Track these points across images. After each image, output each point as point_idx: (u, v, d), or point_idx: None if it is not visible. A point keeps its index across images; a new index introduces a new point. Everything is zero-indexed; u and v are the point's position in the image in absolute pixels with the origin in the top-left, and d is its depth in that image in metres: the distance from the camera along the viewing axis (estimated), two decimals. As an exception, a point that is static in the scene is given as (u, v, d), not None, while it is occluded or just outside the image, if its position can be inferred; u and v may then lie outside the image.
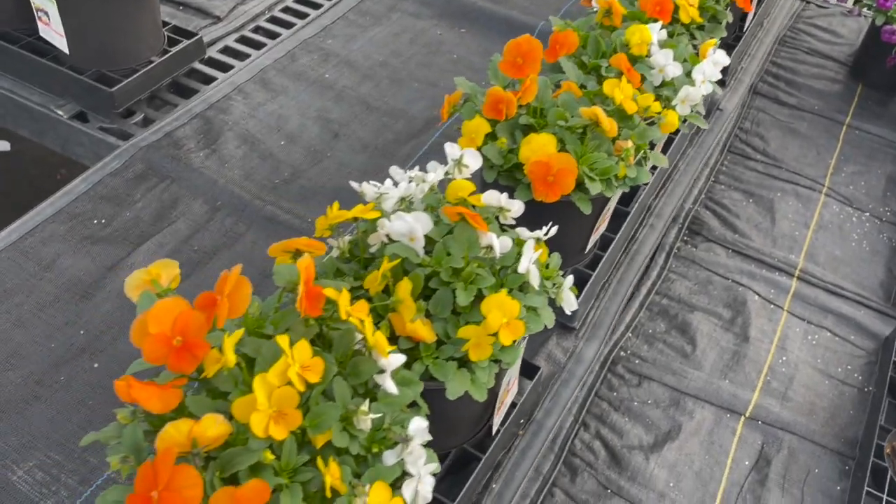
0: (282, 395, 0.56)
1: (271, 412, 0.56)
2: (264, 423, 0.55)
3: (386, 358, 0.62)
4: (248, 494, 0.53)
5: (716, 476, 1.18)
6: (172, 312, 0.57)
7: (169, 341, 0.57)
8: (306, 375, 0.58)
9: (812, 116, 1.81)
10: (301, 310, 0.61)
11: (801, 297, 1.43)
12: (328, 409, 0.60)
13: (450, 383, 0.66)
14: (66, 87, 1.21)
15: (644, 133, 0.84)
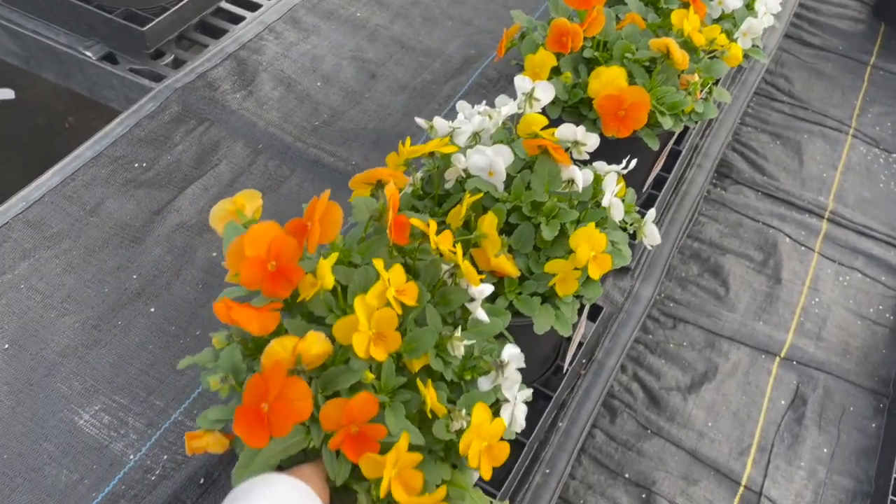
0: (381, 317, 0.57)
1: (371, 334, 0.56)
2: (365, 344, 0.56)
3: (476, 286, 0.62)
4: (359, 406, 0.54)
5: (753, 415, 1.19)
6: (267, 236, 0.56)
7: (264, 265, 0.56)
8: (402, 299, 0.58)
9: (836, 57, 1.80)
10: (390, 237, 0.60)
11: (831, 239, 1.43)
12: (425, 334, 0.59)
13: (536, 318, 0.65)
14: (94, 27, 1.17)
15: (710, 67, 0.83)
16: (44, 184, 1.02)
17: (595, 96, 0.79)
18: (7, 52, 1.27)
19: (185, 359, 0.59)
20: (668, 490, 0.97)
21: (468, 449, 0.56)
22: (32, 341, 0.88)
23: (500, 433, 0.58)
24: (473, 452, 0.56)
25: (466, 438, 0.56)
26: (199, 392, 0.86)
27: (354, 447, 0.55)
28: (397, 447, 0.54)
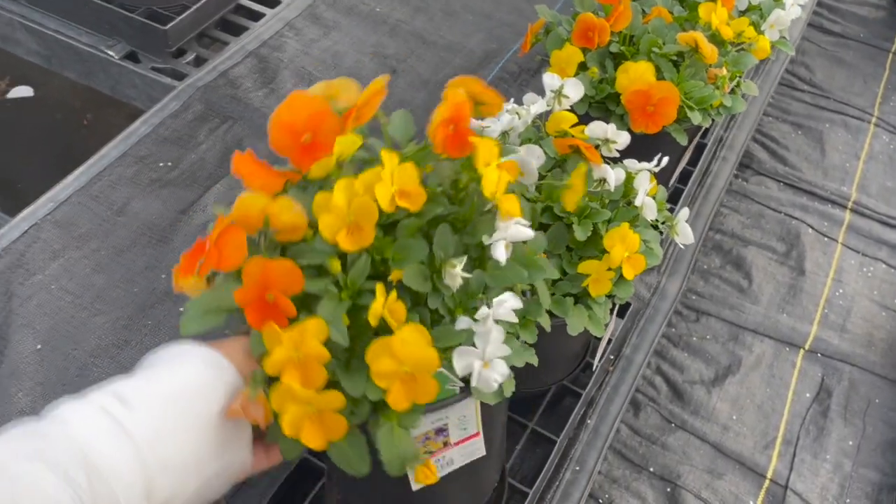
0: (362, 206, 0.51)
1: (349, 220, 0.51)
2: (335, 228, 0.51)
3: (505, 221, 0.54)
4: (280, 271, 0.50)
5: (778, 408, 1.19)
6: (309, 107, 0.54)
7: (298, 135, 0.53)
8: (401, 201, 0.52)
9: (857, 44, 1.78)
10: (440, 147, 0.55)
11: (854, 229, 1.43)
12: (416, 245, 0.53)
13: (570, 319, 0.66)
14: (116, 26, 1.18)
15: (738, 60, 0.83)
16: (71, 184, 1.03)
17: (623, 92, 0.78)
18: (29, 51, 1.28)
19: None
20: (692, 484, 0.97)
21: (376, 364, 0.49)
22: (64, 341, 0.89)
23: (430, 366, 0.49)
24: (383, 370, 0.49)
25: (375, 349, 0.49)
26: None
27: (260, 313, 0.51)
28: (303, 326, 0.49)
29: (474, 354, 0.51)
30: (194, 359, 0.52)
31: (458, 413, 0.56)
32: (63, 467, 0.43)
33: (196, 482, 0.50)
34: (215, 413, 0.51)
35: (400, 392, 0.49)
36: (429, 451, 0.58)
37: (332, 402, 0.49)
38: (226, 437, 0.52)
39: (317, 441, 0.49)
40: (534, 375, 0.85)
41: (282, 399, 0.49)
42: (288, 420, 0.49)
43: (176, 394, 0.50)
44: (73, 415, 0.47)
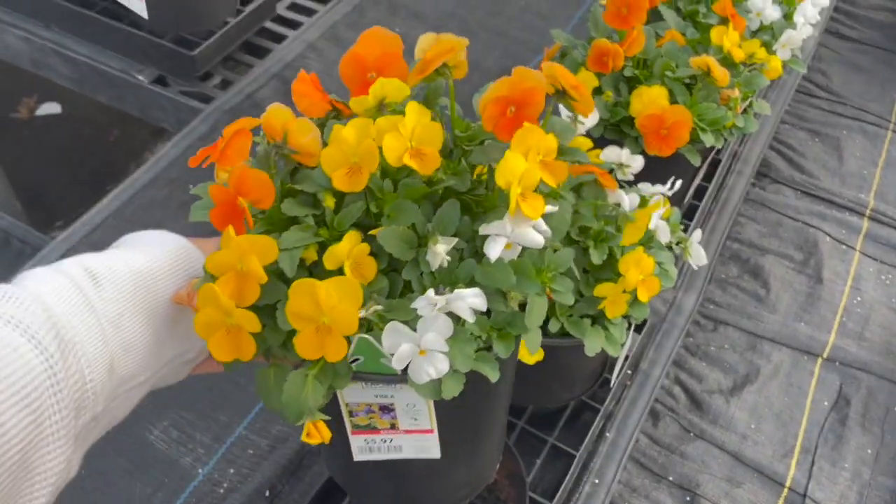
0: (366, 149, 0.48)
1: (352, 160, 0.49)
2: (335, 163, 0.49)
3: (515, 217, 0.48)
4: (255, 178, 0.50)
5: (796, 417, 1.20)
6: (382, 46, 0.53)
7: (365, 70, 0.53)
8: (410, 160, 0.49)
9: (874, 50, 1.78)
10: (488, 124, 0.51)
11: (872, 237, 1.43)
12: (409, 207, 0.50)
13: (587, 340, 0.68)
14: (146, 52, 1.22)
15: (751, 81, 0.84)
16: (105, 207, 1.07)
17: (637, 116, 0.80)
18: (61, 75, 1.32)
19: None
20: (712, 492, 0.99)
21: (295, 301, 0.46)
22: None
23: (348, 325, 0.47)
24: (300, 311, 0.46)
25: (299, 286, 0.46)
26: (260, 406, 0.90)
27: (227, 216, 0.50)
28: (253, 239, 0.48)
29: (407, 337, 0.47)
30: (168, 246, 0.54)
31: (404, 398, 0.54)
32: (35, 334, 0.43)
33: (156, 363, 0.52)
34: (182, 311, 0.53)
35: (310, 339, 0.47)
36: (373, 425, 0.57)
37: (246, 321, 0.48)
38: (185, 324, 0.53)
39: (220, 352, 0.48)
40: (553, 392, 0.87)
41: (204, 300, 0.48)
42: (201, 321, 0.48)
43: (143, 277, 0.51)
44: (46, 284, 0.47)
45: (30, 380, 0.42)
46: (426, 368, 0.48)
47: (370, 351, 0.49)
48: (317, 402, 0.48)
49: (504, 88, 0.51)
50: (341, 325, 0.46)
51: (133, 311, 0.50)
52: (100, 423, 0.49)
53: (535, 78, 0.51)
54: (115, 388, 0.49)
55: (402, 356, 0.47)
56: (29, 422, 0.41)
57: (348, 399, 0.54)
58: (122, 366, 0.49)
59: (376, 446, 0.59)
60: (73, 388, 0.44)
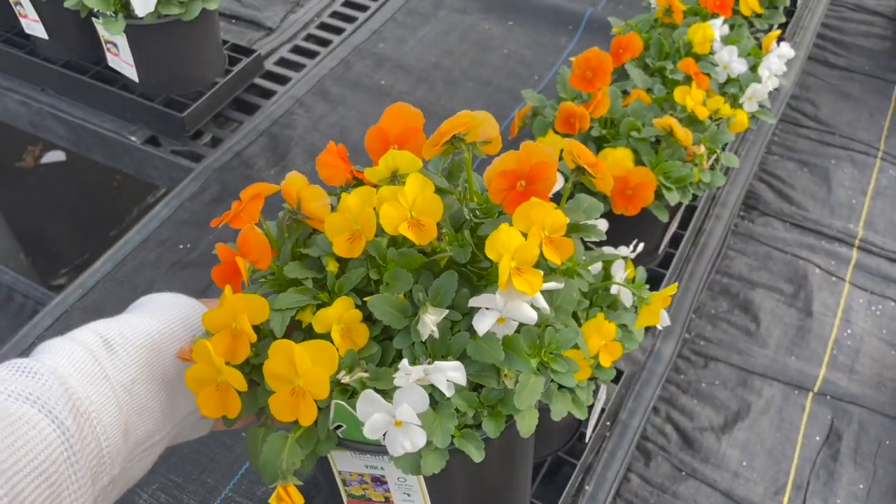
0: (365, 216, 0.51)
1: (354, 227, 0.52)
2: (337, 230, 0.52)
3: (506, 292, 0.47)
4: (256, 240, 0.54)
5: (788, 453, 1.21)
6: (405, 121, 0.57)
7: (388, 143, 0.56)
8: (407, 230, 0.50)
9: (862, 77, 1.79)
10: (496, 198, 0.53)
11: (862, 268, 1.44)
12: (402, 276, 0.51)
13: (553, 405, 0.69)
14: (138, 113, 1.26)
15: (716, 137, 0.86)
16: (97, 270, 1.10)
17: (603, 177, 0.82)
18: (58, 136, 1.36)
19: None
20: (703, 534, 0.99)
21: (273, 362, 0.48)
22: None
23: (320, 390, 0.48)
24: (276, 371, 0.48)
25: (278, 348, 0.48)
26: (246, 468, 0.92)
27: (226, 275, 0.54)
28: (248, 299, 0.50)
29: (381, 406, 0.47)
30: (178, 309, 0.57)
31: (395, 471, 0.52)
32: (52, 408, 0.46)
33: (171, 422, 0.54)
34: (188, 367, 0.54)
35: (285, 401, 0.48)
36: (367, 496, 0.57)
37: (233, 378, 0.50)
38: None
39: (208, 407, 0.50)
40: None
41: (198, 355, 0.50)
42: (193, 375, 0.50)
43: (155, 341, 0.53)
44: (59, 355, 0.50)
45: (48, 454, 0.44)
46: (401, 441, 0.47)
47: (350, 418, 0.49)
48: (293, 465, 0.49)
49: (511, 163, 0.52)
50: (314, 389, 0.48)
51: (146, 375, 0.52)
52: (118, 485, 0.51)
53: (544, 153, 0.53)
54: (130, 451, 0.51)
55: (375, 426, 0.47)
56: (48, 494, 0.44)
57: (340, 467, 0.55)
58: (137, 428, 0.51)
59: None
60: (89, 456, 0.47)
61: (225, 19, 1.52)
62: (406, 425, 0.47)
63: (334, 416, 0.50)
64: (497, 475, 0.60)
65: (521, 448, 0.61)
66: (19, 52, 1.33)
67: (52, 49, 1.31)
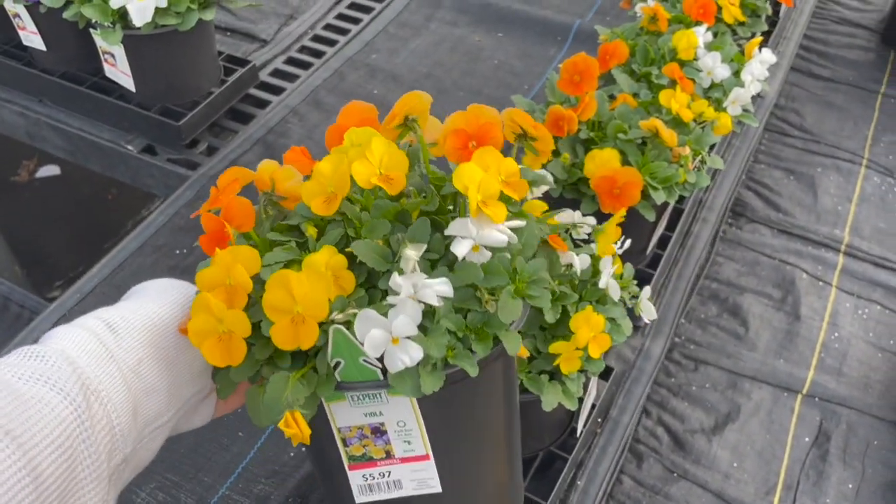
0: (339, 176, 0.53)
1: (328, 190, 0.54)
2: (314, 193, 0.54)
3: (478, 219, 0.51)
4: (238, 205, 0.55)
5: (777, 454, 1.22)
6: (361, 112, 0.59)
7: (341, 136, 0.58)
8: (379, 182, 0.53)
9: (847, 88, 1.83)
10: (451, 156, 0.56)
11: (848, 272, 1.46)
12: (379, 224, 0.54)
13: (544, 396, 0.71)
14: (134, 123, 1.28)
15: (700, 139, 0.89)
16: (94, 275, 1.11)
17: (591, 177, 0.85)
18: (55, 146, 1.38)
19: None
20: (694, 534, 1.00)
21: (271, 293, 0.50)
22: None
23: (319, 311, 0.50)
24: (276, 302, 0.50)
25: (274, 280, 0.49)
26: (242, 467, 0.93)
27: (215, 242, 0.56)
28: (236, 250, 0.52)
29: (378, 322, 0.49)
30: (175, 292, 0.59)
31: (393, 413, 0.54)
32: (63, 386, 0.47)
33: (176, 403, 0.56)
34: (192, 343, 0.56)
35: (285, 330, 0.50)
36: (369, 456, 0.57)
37: (236, 322, 0.51)
38: (198, 363, 0.57)
39: (215, 356, 0.52)
40: (521, 442, 0.90)
41: (197, 308, 0.52)
42: (194, 328, 0.51)
43: (157, 323, 0.55)
44: (66, 340, 0.51)
45: (63, 429, 0.46)
46: (400, 356, 0.49)
47: (348, 348, 0.50)
48: (297, 400, 0.50)
49: (461, 122, 0.57)
50: (313, 310, 0.50)
51: (151, 356, 0.54)
52: (130, 465, 0.53)
53: (490, 114, 0.57)
54: (140, 430, 0.53)
55: (375, 342, 0.48)
56: (65, 468, 0.45)
57: (340, 423, 0.56)
58: (146, 408, 0.53)
59: (375, 483, 0.59)
60: (101, 432, 0.48)
61: (220, 32, 1.55)
62: (403, 341, 0.49)
63: (332, 348, 0.51)
64: (493, 417, 0.61)
65: (509, 388, 0.62)
66: (17, 63, 1.35)
67: (49, 60, 1.33)
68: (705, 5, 1.00)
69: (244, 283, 0.52)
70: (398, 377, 0.50)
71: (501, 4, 1.60)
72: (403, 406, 0.54)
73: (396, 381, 0.50)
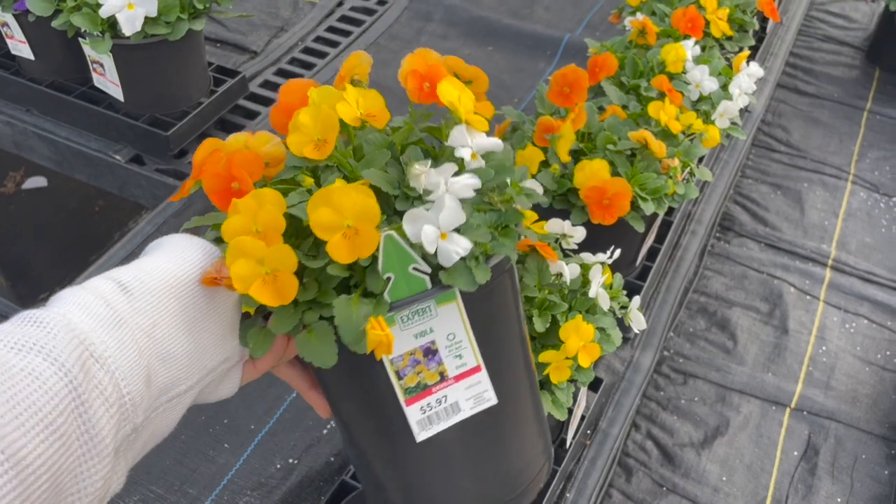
0: (326, 118, 0.53)
1: (315, 137, 0.54)
2: (302, 143, 0.54)
3: (463, 123, 0.55)
4: (242, 157, 0.54)
5: (766, 468, 1.22)
6: (301, 90, 0.58)
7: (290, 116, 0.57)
8: (366, 117, 0.56)
9: (832, 104, 1.85)
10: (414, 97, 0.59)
11: (835, 287, 1.47)
12: (378, 153, 0.55)
13: (534, 405, 0.71)
14: (122, 132, 1.27)
15: (689, 151, 0.89)
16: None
17: (581, 188, 0.85)
18: (42, 156, 1.37)
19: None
20: (684, 548, 1.00)
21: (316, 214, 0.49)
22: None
23: (371, 216, 0.49)
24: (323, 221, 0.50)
25: (315, 200, 0.49)
26: (228, 479, 0.92)
27: (227, 200, 0.53)
28: (260, 193, 0.50)
29: (425, 219, 0.51)
30: (197, 249, 0.53)
31: (443, 326, 0.55)
32: (57, 356, 0.44)
33: (198, 371, 0.51)
34: (216, 305, 0.52)
35: (340, 245, 0.49)
36: (424, 383, 0.57)
37: (283, 258, 0.49)
38: (226, 329, 0.53)
39: (265, 296, 0.49)
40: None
41: (234, 253, 0.49)
42: (237, 274, 0.49)
43: (176, 282, 0.50)
44: (72, 304, 0.47)
45: (54, 405, 0.42)
46: (453, 248, 0.51)
47: (398, 257, 0.51)
48: (367, 315, 0.50)
49: (415, 63, 0.60)
50: (364, 219, 0.49)
51: (167, 319, 0.49)
52: (142, 436, 0.49)
53: (435, 57, 0.61)
54: (154, 399, 0.49)
55: (430, 238, 0.50)
56: (56, 448, 0.42)
57: (392, 354, 0.55)
58: (160, 376, 0.49)
59: (434, 413, 0.58)
60: (104, 404, 0.45)
61: (211, 43, 1.54)
62: (451, 235, 0.51)
63: (384, 259, 0.51)
64: (517, 321, 0.62)
65: (518, 298, 0.63)
66: (5, 72, 1.34)
67: (38, 70, 1.32)
68: (693, 19, 1.01)
69: (276, 224, 0.50)
70: (452, 273, 0.52)
71: (492, 18, 1.61)
72: (451, 316, 0.55)
73: (451, 277, 0.52)
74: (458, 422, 0.58)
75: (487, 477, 0.64)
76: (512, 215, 0.56)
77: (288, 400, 1.00)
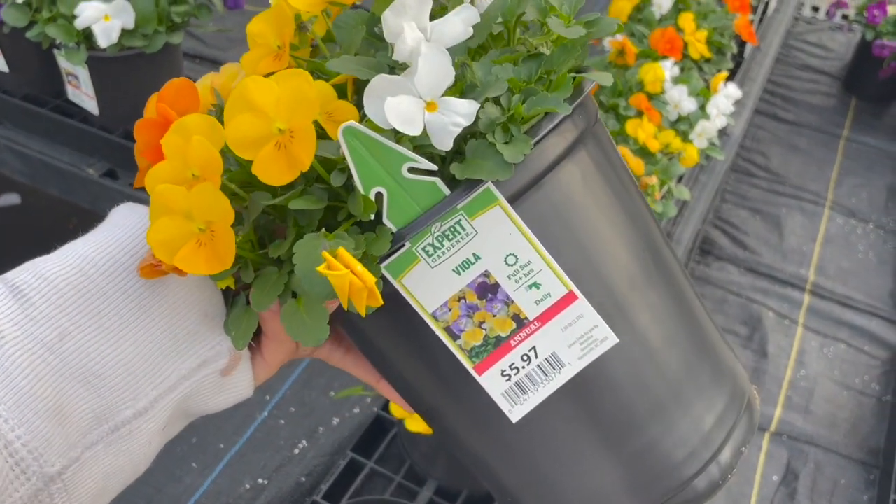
0: (282, 21, 0.42)
1: (275, 46, 0.42)
2: (258, 57, 0.42)
3: None
4: (175, 86, 0.42)
5: (746, 493, 1.20)
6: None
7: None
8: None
9: (810, 132, 1.87)
10: None
11: (814, 311, 1.47)
12: (353, 32, 0.39)
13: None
14: (96, 146, 1.25)
15: (667, 169, 0.89)
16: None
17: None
18: (13, 170, 1.34)
19: None
20: (660, 575, 0.98)
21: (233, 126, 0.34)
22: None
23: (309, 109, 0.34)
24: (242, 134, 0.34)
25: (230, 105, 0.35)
26: (195, 500, 0.89)
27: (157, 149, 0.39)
28: (181, 122, 0.37)
29: (398, 86, 0.34)
30: (129, 223, 0.40)
31: (494, 248, 0.36)
32: None
33: (153, 389, 0.38)
34: (169, 294, 0.38)
35: (271, 158, 0.34)
36: (494, 336, 0.38)
37: (212, 202, 0.35)
38: (197, 323, 0.39)
39: (199, 264, 0.35)
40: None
41: (156, 212, 0.36)
42: (157, 239, 0.35)
43: (99, 274, 0.37)
44: None
45: None
46: (449, 120, 0.34)
47: (375, 156, 0.34)
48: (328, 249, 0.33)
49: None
50: (298, 114, 0.34)
51: (85, 325, 0.36)
52: (78, 486, 0.36)
53: None
54: (80, 436, 0.36)
55: (404, 113, 0.33)
56: None
57: (431, 306, 0.38)
58: (83, 402, 0.36)
59: (524, 376, 0.39)
60: None
61: (189, 59, 1.53)
62: (442, 101, 0.34)
63: (355, 165, 0.34)
64: (618, 208, 0.42)
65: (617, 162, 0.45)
66: (-22, 85, 1.32)
67: (11, 82, 1.30)
68: (672, 40, 1.01)
69: (212, 160, 0.35)
70: (469, 164, 0.34)
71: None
72: (501, 228, 0.36)
73: (468, 169, 0.34)
74: (566, 382, 0.39)
75: (638, 460, 0.41)
76: (561, 56, 0.37)
77: (259, 419, 0.97)
